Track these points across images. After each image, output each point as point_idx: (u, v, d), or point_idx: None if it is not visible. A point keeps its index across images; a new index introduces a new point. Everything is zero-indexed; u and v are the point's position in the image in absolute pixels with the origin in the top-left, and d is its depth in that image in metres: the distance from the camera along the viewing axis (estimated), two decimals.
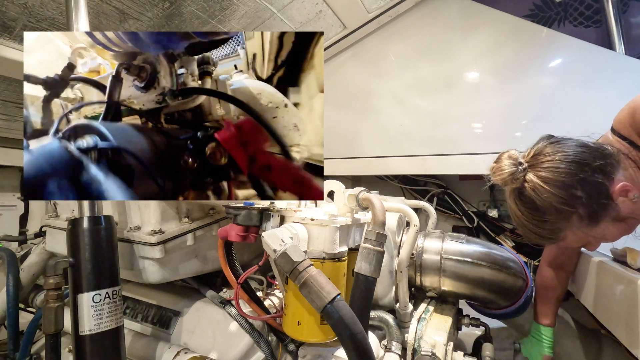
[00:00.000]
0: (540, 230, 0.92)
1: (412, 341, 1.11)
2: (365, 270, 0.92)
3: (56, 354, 0.91)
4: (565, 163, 0.86)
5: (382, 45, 2.13)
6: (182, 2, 1.51)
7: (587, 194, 0.84)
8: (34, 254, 1.65)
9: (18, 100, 1.71)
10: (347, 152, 2.23)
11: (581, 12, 1.87)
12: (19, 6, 1.26)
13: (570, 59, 1.71)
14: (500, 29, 1.83)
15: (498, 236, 2.11)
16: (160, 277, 1.12)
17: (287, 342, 1.07)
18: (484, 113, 1.86)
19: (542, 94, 1.73)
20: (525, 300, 1.25)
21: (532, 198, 0.88)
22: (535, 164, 0.89)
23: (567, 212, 0.86)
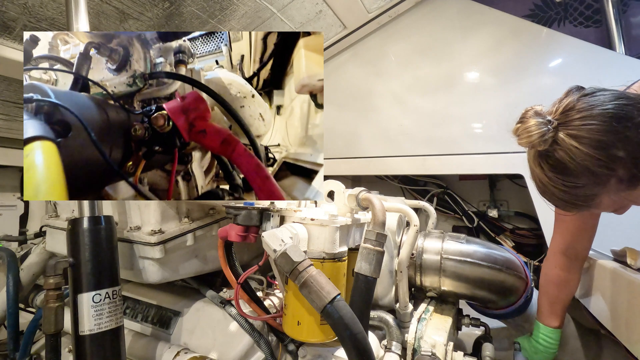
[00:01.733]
0: (571, 197, 0.80)
1: (412, 341, 1.11)
2: (365, 270, 0.92)
3: (56, 354, 0.91)
4: (605, 118, 0.73)
5: (382, 45, 2.13)
6: (182, 2, 1.51)
7: (629, 154, 0.72)
8: (34, 254, 1.65)
9: (18, 100, 1.71)
10: (347, 152, 2.23)
11: (581, 12, 1.87)
12: (19, 6, 1.26)
13: (570, 59, 1.71)
14: (500, 29, 1.83)
15: (498, 236, 2.11)
16: (160, 277, 1.12)
17: (287, 342, 1.07)
18: (484, 113, 1.86)
19: (542, 94, 1.73)
20: (525, 300, 1.25)
21: (563, 161, 0.76)
22: (567, 121, 0.76)
23: (606, 175, 0.74)
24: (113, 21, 1.46)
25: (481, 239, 1.87)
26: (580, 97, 0.78)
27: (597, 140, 0.73)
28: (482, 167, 1.83)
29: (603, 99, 0.76)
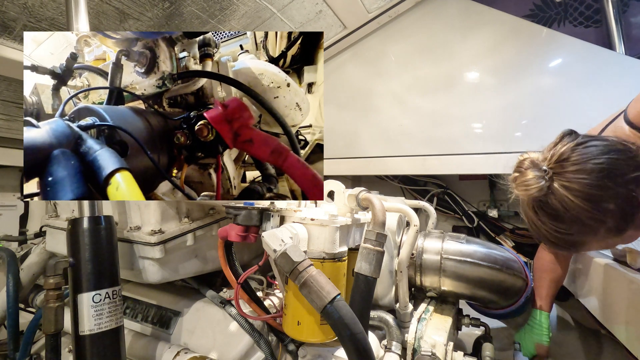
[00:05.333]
0: (562, 241, 0.85)
1: (412, 341, 1.11)
2: (365, 270, 0.92)
3: (56, 354, 0.91)
4: (597, 173, 0.76)
5: (382, 45, 2.13)
6: (182, 2, 1.51)
7: (619, 207, 0.76)
8: (34, 254, 1.65)
9: (18, 100, 1.71)
10: (347, 152, 2.23)
11: (581, 12, 1.87)
12: (19, 6, 1.26)
13: (570, 59, 1.70)
14: (500, 29, 1.83)
15: (498, 236, 2.11)
16: (160, 277, 1.12)
17: (287, 342, 1.07)
18: (484, 113, 1.86)
19: (542, 94, 1.73)
20: (525, 300, 1.25)
21: (556, 210, 0.79)
22: (562, 172, 0.79)
23: (596, 226, 0.79)
24: (113, 21, 1.46)
25: (481, 239, 1.87)
26: (574, 148, 0.81)
27: (590, 194, 0.76)
28: (482, 167, 1.83)
29: (596, 152, 0.79)
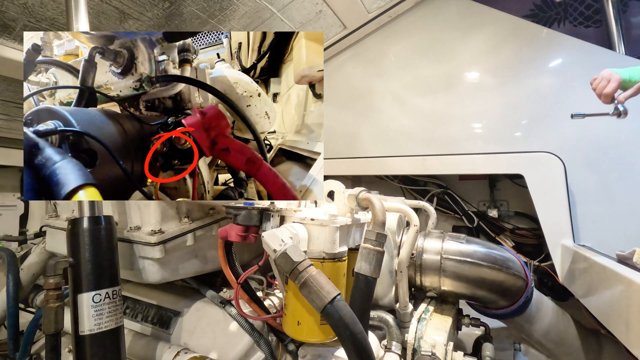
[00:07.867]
0: None
1: (412, 341, 1.11)
2: (365, 270, 0.92)
3: (56, 354, 0.91)
4: None
5: (382, 45, 2.13)
6: (182, 2, 1.51)
7: None
8: (34, 254, 1.65)
9: (18, 100, 1.71)
10: (347, 152, 2.24)
11: (581, 12, 1.87)
12: (19, 6, 1.26)
13: (570, 59, 1.71)
14: (500, 29, 1.83)
15: (498, 236, 2.11)
16: (160, 277, 1.12)
17: (287, 342, 1.07)
18: (484, 113, 1.86)
19: (542, 94, 1.73)
20: (525, 300, 1.25)
21: None
22: None
23: None
24: (113, 21, 1.46)
25: (481, 239, 1.87)
26: None
27: None
28: (482, 167, 1.83)
29: None
